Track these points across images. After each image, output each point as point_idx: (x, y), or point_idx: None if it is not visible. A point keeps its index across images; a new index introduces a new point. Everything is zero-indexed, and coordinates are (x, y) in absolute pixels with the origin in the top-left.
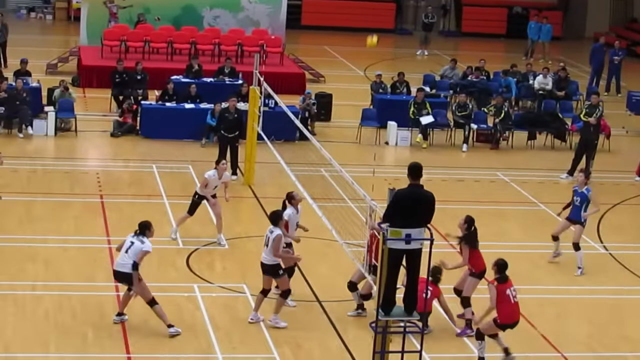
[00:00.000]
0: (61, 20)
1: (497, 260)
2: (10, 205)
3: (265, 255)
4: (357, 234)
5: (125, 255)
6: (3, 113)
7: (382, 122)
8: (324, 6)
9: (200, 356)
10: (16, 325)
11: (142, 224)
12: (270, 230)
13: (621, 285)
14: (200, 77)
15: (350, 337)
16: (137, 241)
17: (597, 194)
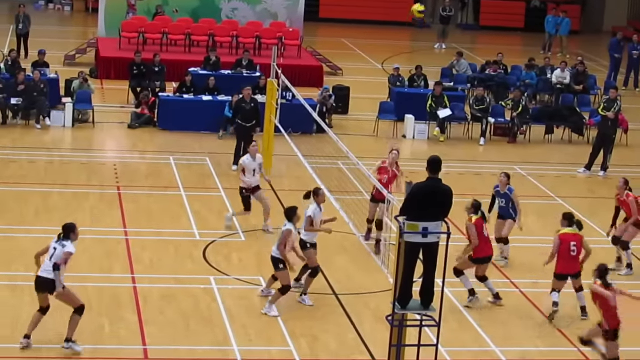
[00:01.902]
0: (79, 11)
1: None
2: (28, 196)
3: (273, 247)
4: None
5: (49, 262)
6: (21, 104)
7: (400, 115)
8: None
9: (216, 348)
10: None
11: (67, 227)
12: (284, 224)
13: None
14: (218, 69)
15: (367, 331)
16: (59, 247)
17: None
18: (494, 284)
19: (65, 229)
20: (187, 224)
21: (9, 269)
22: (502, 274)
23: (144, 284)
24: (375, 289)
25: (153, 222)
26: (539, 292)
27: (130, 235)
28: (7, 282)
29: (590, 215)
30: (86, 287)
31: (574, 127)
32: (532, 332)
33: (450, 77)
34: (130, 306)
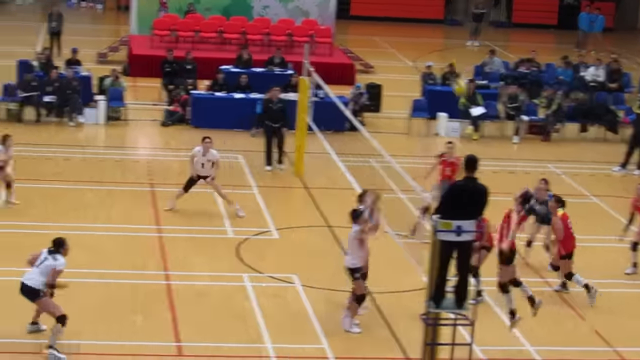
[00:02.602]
0: (111, 9)
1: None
2: (62, 193)
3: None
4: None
5: (36, 269)
6: (54, 102)
7: (433, 113)
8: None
9: (249, 346)
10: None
11: (57, 241)
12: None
13: None
14: (250, 67)
15: (401, 329)
16: (51, 258)
17: None
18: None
19: (55, 243)
20: (220, 221)
21: None
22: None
23: (177, 281)
24: (409, 288)
25: (186, 219)
26: (573, 291)
27: (163, 232)
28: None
29: (626, 215)
30: (120, 284)
31: (608, 125)
32: (567, 331)
33: (483, 75)
34: (164, 303)
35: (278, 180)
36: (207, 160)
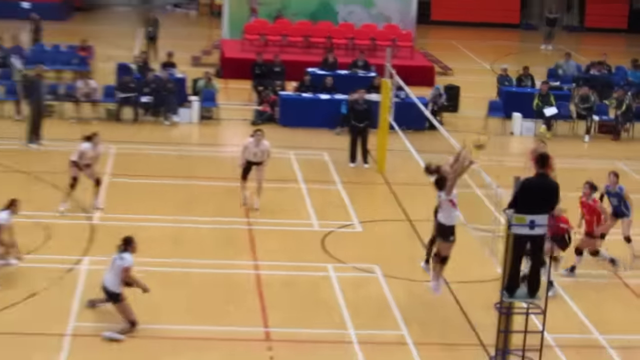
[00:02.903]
0: (204, 15)
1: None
2: (158, 188)
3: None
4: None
5: (111, 272)
6: (151, 102)
7: (508, 113)
8: (452, 2)
9: (333, 331)
10: (165, 300)
11: (124, 240)
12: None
13: None
14: (335, 69)
15: (476, 317)
16: (118, 259)
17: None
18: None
19: (123, 241)
20: (306, 214)
21: (142, 254)
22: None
23: (266, 271)
24: (484, 278)
25: (274, 213)
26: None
27: (253, 225)
28: (140, 267)
29: None
30: (213, 273)
31: None
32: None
33: (556, 77)
34: (254, 292)
35: (361, 176)
36: (260, 150)
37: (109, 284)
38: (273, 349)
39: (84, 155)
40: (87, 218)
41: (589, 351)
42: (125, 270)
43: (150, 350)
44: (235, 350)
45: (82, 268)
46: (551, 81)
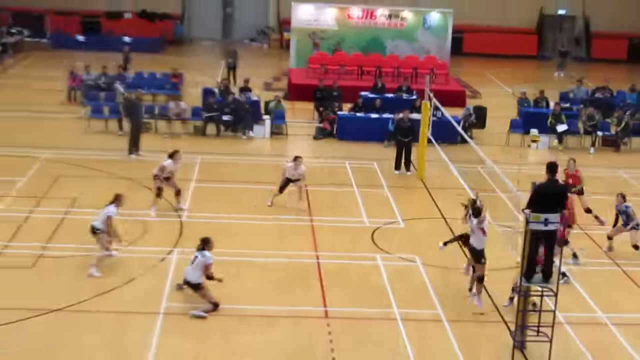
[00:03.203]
0: (275, 48)
1: None
2: (236, 190)
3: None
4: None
5: (191, 266)
6: (230, 120)
7: (526, 129)
8: (481, 37)
9: (381, 310)
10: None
11: (203, 240)
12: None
13: None
14: (384, 93)
15: (499, 299)
16: (200, 255)
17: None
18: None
19: (202, 241)
20: (359, 213)
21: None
22: (609, 258)
23: (325, 260)
24: (507, 266)
25: (332, 211)
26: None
27: (314, 222)
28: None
29: None
30: (281, 262)
31: None
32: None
33: (567, 99)
34: (314, 277)
35: (404, 181)
36: (297, 172)
37: (190, 277)
38: (331, 325)
39: (165, 169)
40: (177, 216)
41: (594, 327)
42: (208, 266)
43: (228, 326)
44: (300, 326)
45: (173, 258)
46: (562, 103)
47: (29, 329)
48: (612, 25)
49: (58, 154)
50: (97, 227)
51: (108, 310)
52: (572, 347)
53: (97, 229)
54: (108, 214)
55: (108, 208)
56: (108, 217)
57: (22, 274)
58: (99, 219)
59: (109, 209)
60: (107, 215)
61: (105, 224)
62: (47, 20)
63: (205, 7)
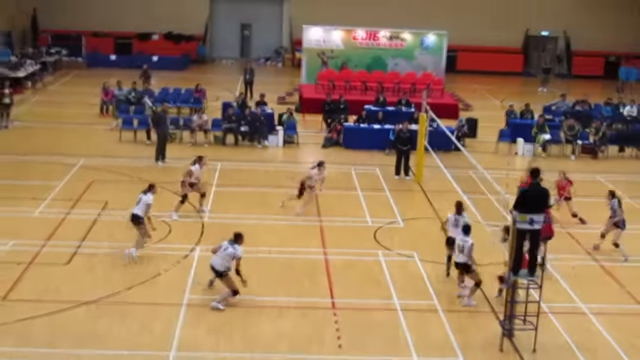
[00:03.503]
0: (288, 66)
1: None
2: (251, 194)
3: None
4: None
5: (219, 255)
6: (247, 131)
7: (513, 138)
8: (473, 56)
9: (383, 301)
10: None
11: (236, 234)
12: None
13: None
14: (385, 106)
15: (489, 291)
16: (231, 247)
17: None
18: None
19: (235, 236)
20: (362, 213)
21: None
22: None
23: (332, 256)
24: (495, 261)
25: (339, 212)
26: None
27: (323, 221)
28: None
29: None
30: (292, 258)
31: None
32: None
33: (550, 111)
34: (323, 271)
35: (404, 185)
36: (319, 178)
37: (216, 264)
38: (337, 315)
39: (193, 174)
40: (199, 217)
41: (575, 316)
42: (238, 259)
43: (243, 316)
44: (308, 316)
45: (195, 255)
46: (546, 115)
47: (62, 320)
48: (590, 45)
49: (92, 161)
50: (138, 216)
51: (136, 302)
52: (556, 334)
53: (139, 217)
54: (147, 202)
55: (146, 196)
56: (147, 205)
57: (58, 269)
58: (139, 207)
59: (147, 197)
60: (147, 203)
61: (145, 212)
62: (84, 41)
63: (225, 29)
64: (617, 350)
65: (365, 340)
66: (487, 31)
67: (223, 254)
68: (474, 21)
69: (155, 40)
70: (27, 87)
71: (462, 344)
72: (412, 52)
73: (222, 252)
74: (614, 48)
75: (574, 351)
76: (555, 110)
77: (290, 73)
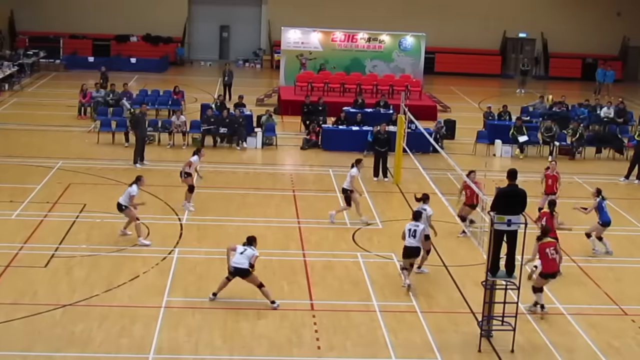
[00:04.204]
0: (267, 68)
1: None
2: (231, 196)
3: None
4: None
5: (241, 256)
6: (226, 132)
7: (491, 140)
8: (451, 58)
9: (362, 303)
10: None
11: (251, 237)
12: (415, 225)
13: None
14: (364, 108)
15: (467, 292)
16: (249, 248)
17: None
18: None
19: (251, 239)
20: (341, 215)
21: (218, 246)
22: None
23: (311, 258)
24: (474, 262)
25: (318, 214)
26: (590, 266)
27: (301, 223)
28: (218, 256)
29: (628, 211)
30: (271, 260)
31: (616, 148)
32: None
33: (527, 113)
34: (302, 273)
35: (382, 187)
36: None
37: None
38: (316, 316)
39: (192, 165)
40: (179, 219)
41: (552, 316)
42: (256, 258)
43: (222, 318)
44: (287, 317)
45: (174, 257)
46: (524, 116)
47: (40, 323)
48: (567, 47)
49: (70, 164)
50: (122, 204)
51: (115, 304)
52: (534, 335)
53: (122, 205)
54: (131, 193)
55: (131, 188)
56: (131, 196)
57: (36, 272)
58: (123, 197)
59: (132, 188)
60: (131, 194)
61: (128, 201)
62: (62, 43)
63: (203, 31)
64: (595, 351)
65: (344, 341)
66: (466, 33)
67: (245, 254)
68: (452, 23)
69: (134, 42)
70: (5, 89)
71: (440, 345)
72: (391, 54)
73: (243, 252)
74: (591, 50)
75: (552, 351)
76: (533, 111)
77: (269, 75)
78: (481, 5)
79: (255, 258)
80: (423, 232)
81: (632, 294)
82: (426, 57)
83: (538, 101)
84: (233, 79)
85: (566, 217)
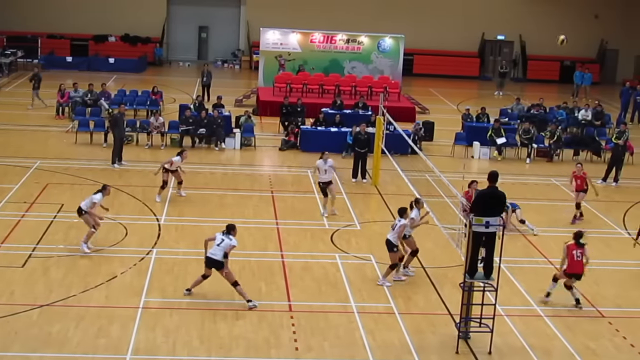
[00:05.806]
0: (245, 69)
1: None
2: (210, 197)
3: (390, 236)
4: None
5: (218, 247)
6: (205, 133)
7: (470, 142)
8: (429, 60)
9: (339, 304)
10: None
11: (229, 226)
12: (398, 220)
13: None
14: (342, 109)
15: (445, 293)
16: (227, 238)
17: None
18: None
19: (228, 227)
20: (320, 217)
21: (196, 246)
22: (540, 253)
23: (289, 259)
24: (452, 264)
25: (296, 215)
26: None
27: (280, 224)
28: (195, 256)
29: (605, 214)
30: (249, 261)
31: (594, 150)
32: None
33: (506, 115)
34: (280, 274)
35: (361, 188)
36: (328, 166)
37: (215, 256)
38: (294, 318)
39: (173, 164)
40: (155, 220)
41: (530, 318)
42: (232, 247)
43: (199, 319)
44: (265, 318)
45: (151, 257)
46: (502, 118)
47: (16, 324)
48: (545, 49)
49: (48, 164)
50: (82, 209)
51: (93, 305)
52: (511, 337)
53: (83, 210)
54: (93, 200)
55: (95, 195)
56: (93, 203)
57: (13, 272)
58: (85, 202)
59: (96, 195)
60: (93, 201)
61: (89, 207)
62: (40, 42)
63: (182, 31)
64: (572, 353)
65: (322, 342)
66: (444, 35)
67: (222, 246)
68: (431, 25)
69: (112, 42)
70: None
71: (418, 346)
72: (369, 55)
73: (220, 243)
74: (569, 53)
75: (529, 353)
76: (511, 113)
77: (248, 76)
78: (460, 7)
79: (231, 248)
80: (402, 227)
81: (608, 296)
82: (405, 59)
83: (515, 103)
84: (212, 79)
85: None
